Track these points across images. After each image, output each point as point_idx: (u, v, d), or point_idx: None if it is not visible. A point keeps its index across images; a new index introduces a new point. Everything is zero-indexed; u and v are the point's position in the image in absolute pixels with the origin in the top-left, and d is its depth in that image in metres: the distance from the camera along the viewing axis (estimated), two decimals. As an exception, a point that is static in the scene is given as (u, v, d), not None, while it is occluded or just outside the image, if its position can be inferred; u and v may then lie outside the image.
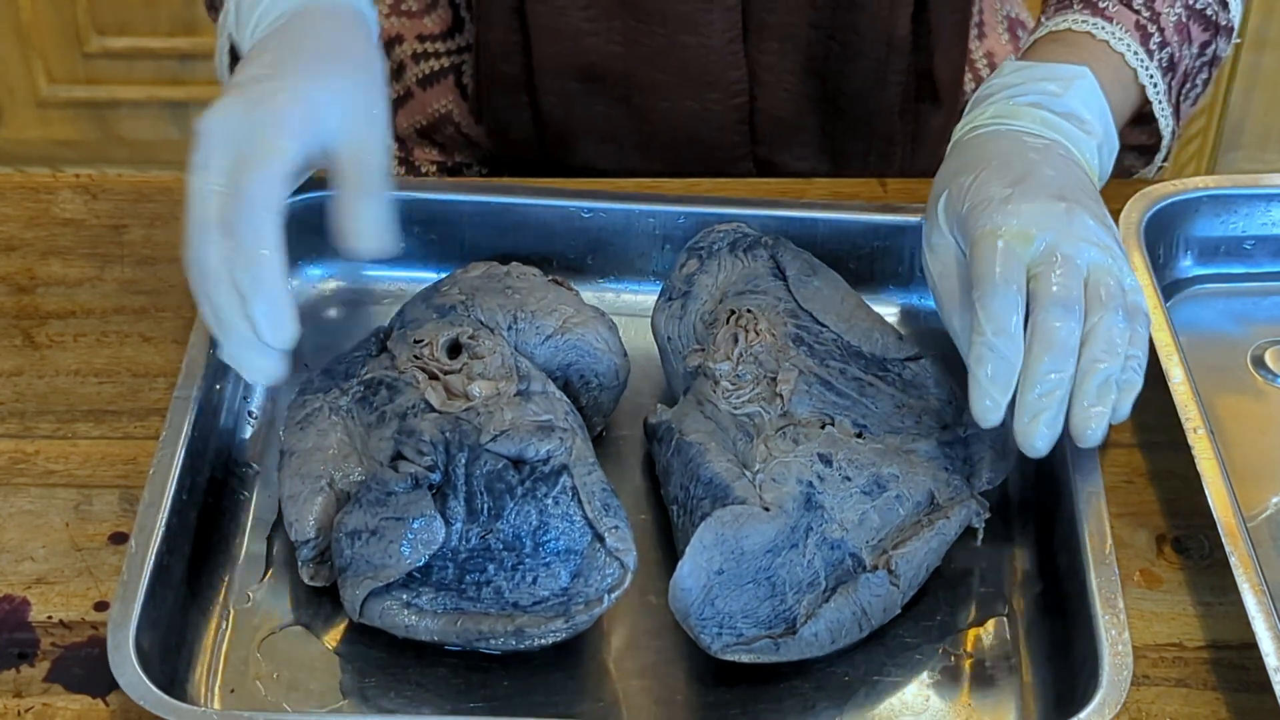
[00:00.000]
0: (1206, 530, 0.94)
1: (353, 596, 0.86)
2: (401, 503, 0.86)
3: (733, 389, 0.95)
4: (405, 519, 0.86)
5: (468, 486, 0.87)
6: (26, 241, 1.13)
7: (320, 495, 0.91)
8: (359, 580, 0.86)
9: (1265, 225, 1.11)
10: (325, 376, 0.97)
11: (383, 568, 0.86)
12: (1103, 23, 1.08)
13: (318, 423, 0.94)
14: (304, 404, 0.95)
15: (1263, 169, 2.28)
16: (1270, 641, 0.85)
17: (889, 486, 0.91)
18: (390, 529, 0.86)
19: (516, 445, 0.88)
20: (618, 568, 0.87)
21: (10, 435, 1.01)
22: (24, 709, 0.87)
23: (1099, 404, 0.89)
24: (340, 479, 0.92)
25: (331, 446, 0.93)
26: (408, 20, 1.29)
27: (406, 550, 0.86)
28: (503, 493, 0.87)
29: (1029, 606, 0.93)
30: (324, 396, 0.95)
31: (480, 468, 0.87)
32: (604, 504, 0.88)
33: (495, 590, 0.87)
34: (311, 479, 0.92)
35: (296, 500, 0.91)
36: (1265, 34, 2.23)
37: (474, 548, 0.87)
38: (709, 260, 1.02)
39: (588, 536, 0.87)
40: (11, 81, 2.35)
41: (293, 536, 0.91)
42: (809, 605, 0.87)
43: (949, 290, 0.96)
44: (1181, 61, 1.11)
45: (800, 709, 0.88)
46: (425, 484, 0.87)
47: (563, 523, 0.87)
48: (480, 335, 0.95)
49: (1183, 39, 1.11)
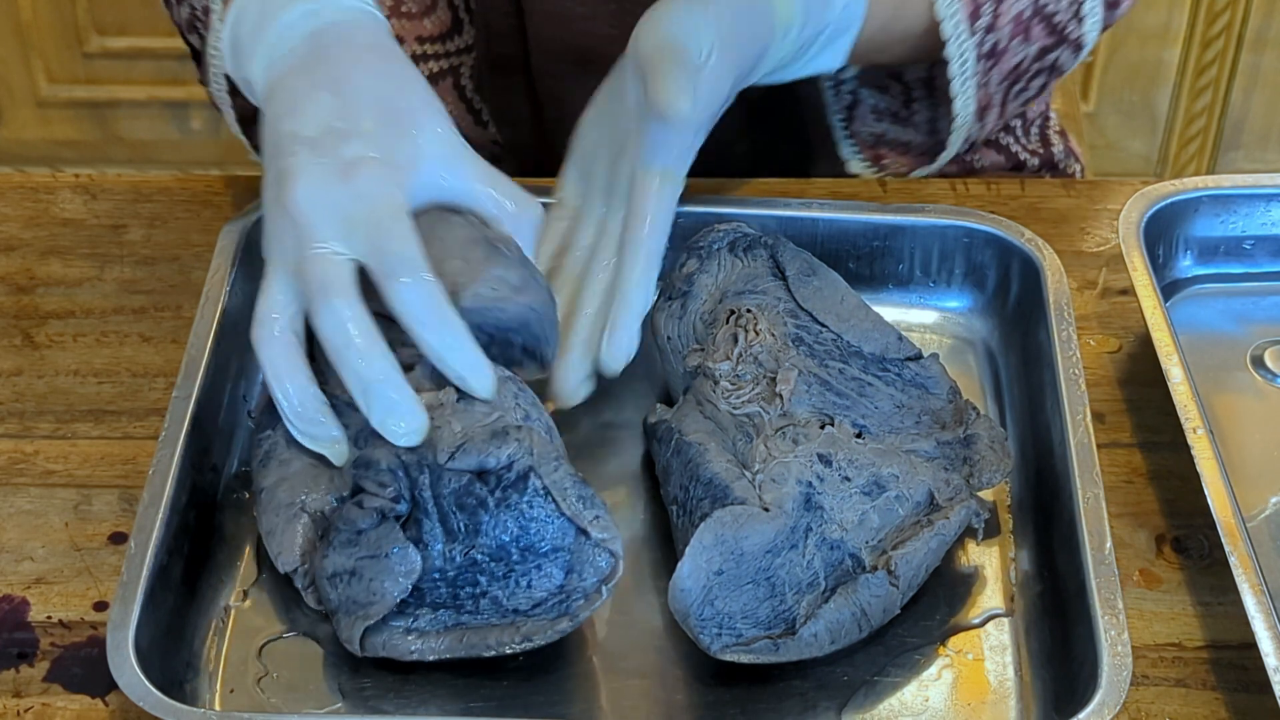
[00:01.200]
0: (1206, 530, 0.94)
1: (350, 636, 0.86)
2: (372, 539, 0.86)
3: (732, 389, 0.95)
4: (379, 555, 0.85)
5: (439, 508, 0.86)
6: (26, 241, 1.13)
7: (296, 522, 0.90)
8: (352, 621, 0.86)
9: (1265, 225, 1.11)
10: (270, 414, 0.94)
11: (370, 605, 0.85)
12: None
13: (277, 454, 0.92)
14: (260, 443, 0.94)
15: (1263, 169, 2.28)
16: (1270, 641, 0.85)
17: (889, 487, 0.91)
18: (367, 567, 0.85)
19: (476, 458, 0.85)
20: (607, 557, 0.86)
21: (10, 435, 1.01)
22: (23, 709, 0.87)
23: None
24: (312, 500, 0.90)
25: (297, 473, 0.91)
26: (407, 22, 1.28)
27: (389, 584, 0.85)
28: (475, 508, 0.86)
29: (1028, 607, 0.93)
30: (275, 431, 0.93)
31: (445, 487, 0.86)
32: (579, 497, 0.87)
33: (493, 600, 0.87)
34: (284, 508, 0.91)
35: (275, 534, 0.90)
36: (1265, 34, 2.23)
37: (461, 565, 0.86)
38: (708, 260, 1.02)
39: (571, 532, 0.87)
40: (11, 81, 2.35)
41: (281, 570, 0.90)
42: (808, 606, 0.87)
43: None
44: (1008, 54, 1.10)
45: (800, 709, 0.88)
46: (392, 515, 0.86)
47: (543, 525, 0.86)
48: (406, 345, 0.90)
49: (1018, 32, 1.09)
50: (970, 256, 1.08)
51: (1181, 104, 2.30)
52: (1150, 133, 2.34)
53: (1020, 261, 1.06)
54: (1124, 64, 2.27)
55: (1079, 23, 1.13)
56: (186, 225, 1.14)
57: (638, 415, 1.00)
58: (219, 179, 1.17)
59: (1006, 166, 1.30)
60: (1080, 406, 0.95)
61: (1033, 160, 1.32)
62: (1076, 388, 0.96)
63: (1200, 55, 2.25)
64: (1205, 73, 2.27)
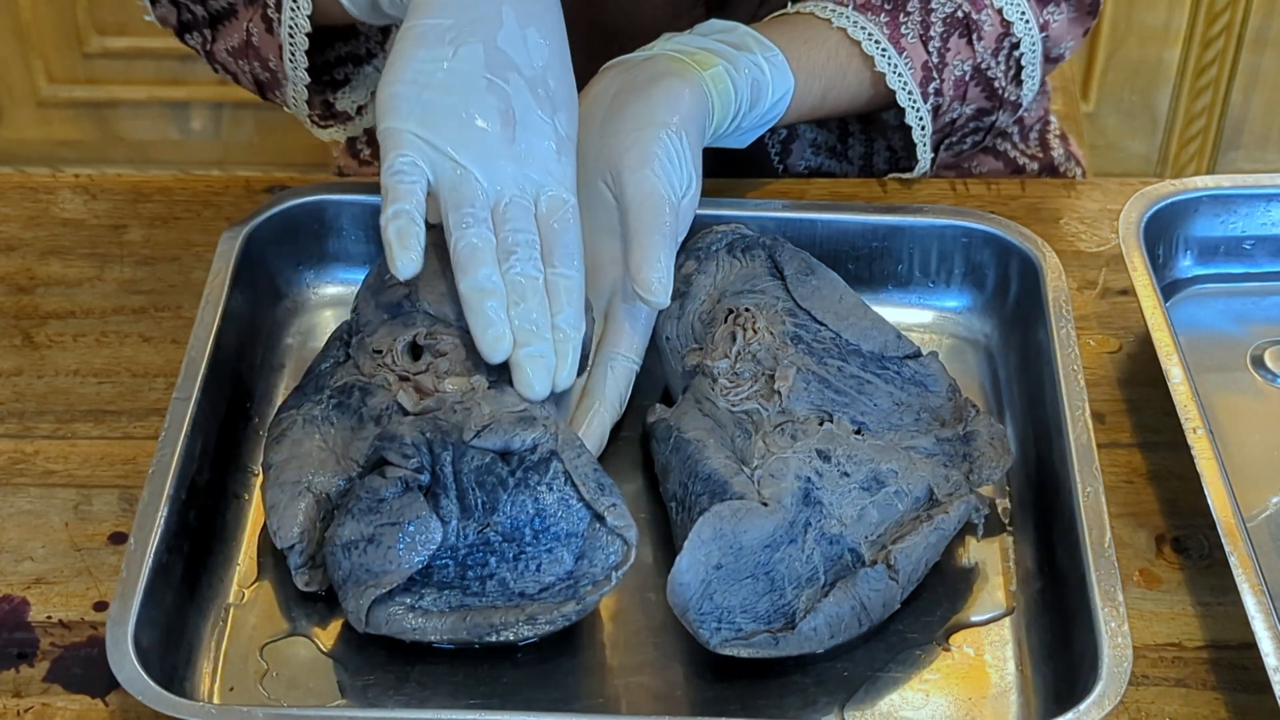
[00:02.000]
0: (1206, 530, 0.94)
1: (356, 607, 0.86)
2: (395, 507, 0.86)
3: (731, 386, 0.95)
4: (400, 522, 0.86)
5: (458, 484, 0.87)
6: (26, 241, 1.13)
7: (300, 499, 0.91)
8: (361, 590, 0.86)
9: (1265, 225, 1.11)
10: (298, 394, 0.96)
11: (384, 574, 0.86)
12: (891, 51, 1.11)
13: (292, 434, 0.93)
14: (279, 422, 0.95)
15: (1263, 169, 2.28)
16: (1270, 641, 0.85)
17: (888, 482, 0.91)
18: (387, 534, 0.86)
19: (501, 438, 0.87)
20: (620, 544, 0.87)
21: (10, 435, 1.01)
22: (23, 709, 0.87)
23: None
24: (318, 481, 0.91)
25: (307, 453, 0.92)
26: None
27: (406, 553, 0.86)
28: (494, 486, 0.87)
29: (1029, 602, 0.93)
30: (297, 411, 0.95)
31: (468, 464, 0.87)
32: (598, 484, 0.88)
33: (500, 582, 0.87)
34: (289, 485, 0.91)
35: (277, 509, 0.91)
36: (1265, 34, 2.23)
37: (472, 543, 0.87)
38: (706, 261, 1.02)
39: (586, 518, 0.87)
40: (11, 81, 2.35)
41: (278, 545, 0.90)
42: (808, 600, 0.87)
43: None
44: (949, 114, 1.14)
45: (800, 704, 0.88)
46: (415, 486, 0.87)
47: (560, 508, 0.87)
48: (437, 332, 0.94)
49: (958, 96, 1.13)
50: (969, 256, 1.08)
51: (1181, 104, 2.30)
52: (1150, 133, 2.34)
53: (1019, 261, 1.06)
54: (1124, 64, 2.26)
55: (1017, 85, 1.16)
56: (186, 225, 1.14)
57: (637, 415, 1.00)
58: (219, 179, 1.17)
59: (1005, 173, 1.31)
60: (1079, 402, 0.95)
61: (1032, 165, 1.32)
62: (1076, 384, 0.96)
63: (1200, 55, 2.25)
64: (1205, 73, 2.27)
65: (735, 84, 1.03)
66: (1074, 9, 1.16)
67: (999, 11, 1.13)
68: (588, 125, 1.00)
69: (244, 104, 2.33)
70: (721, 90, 1.03)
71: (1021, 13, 1.13)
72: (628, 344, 0.99)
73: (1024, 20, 1.14)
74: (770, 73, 1.06)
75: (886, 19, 1.11)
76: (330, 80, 1.18)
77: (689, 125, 1.00)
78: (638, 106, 1.00)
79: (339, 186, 1.10)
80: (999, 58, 1.14)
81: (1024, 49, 1.14)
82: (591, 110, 1.01)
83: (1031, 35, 1.14)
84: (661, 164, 0.98)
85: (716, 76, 1.02)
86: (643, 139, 0.98)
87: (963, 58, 1.13)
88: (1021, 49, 1.14)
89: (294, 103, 1.15)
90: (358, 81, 1.17)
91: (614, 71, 1.04)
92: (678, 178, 0.98)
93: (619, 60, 1.05)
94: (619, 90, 1.02)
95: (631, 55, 1.05)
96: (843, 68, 1.11)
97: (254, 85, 1.17)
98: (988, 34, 1.13)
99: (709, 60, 1.03)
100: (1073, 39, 1.17)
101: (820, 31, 1.11)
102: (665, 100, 1.00)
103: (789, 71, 1.07)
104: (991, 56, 1.14)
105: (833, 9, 1.12)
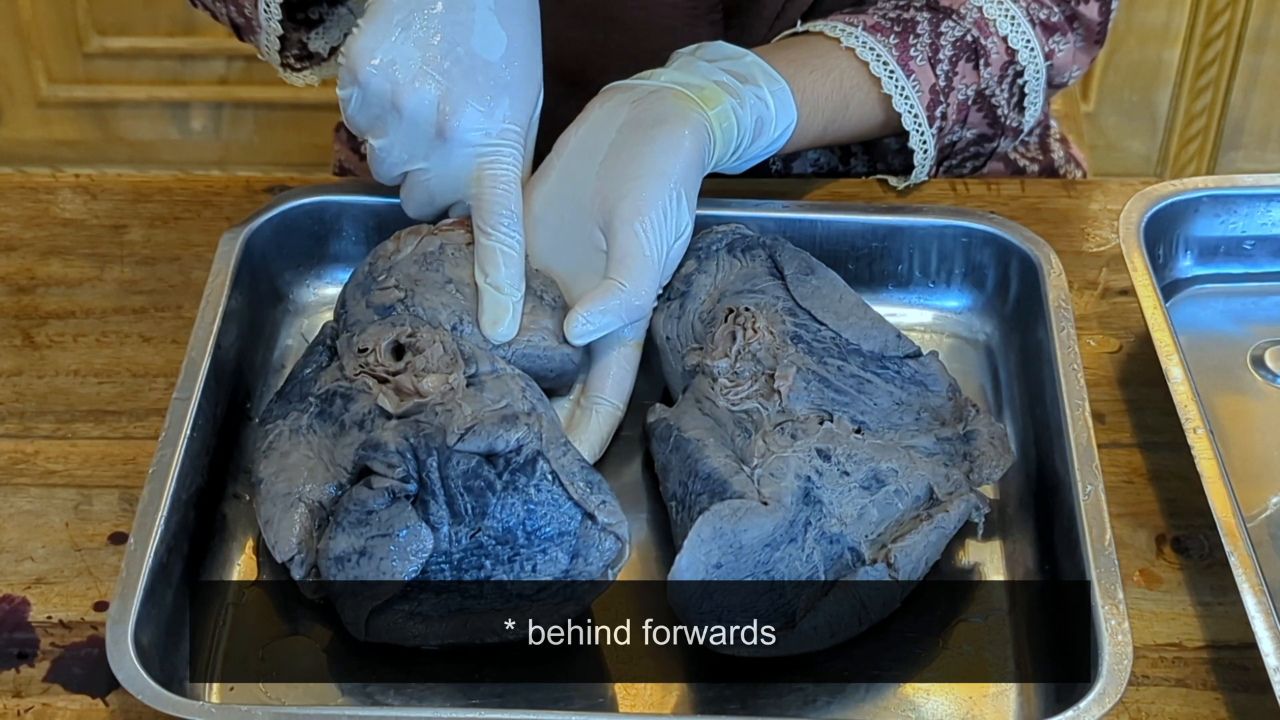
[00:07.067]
0: (1206, 530, 0.94)
1: (355, 619, 0.86)
2: (384, 518, 0.86)
3: (731, 386, 0.95)
4: (390, 533, 0.86)
5: (446, 489, 0.87)
6: (26, 241, 1.13)
7: (294, 511, 0.91)
8: (358, 602, 0.86)
9: (1265, 225, 1.11)
10: (282, 402, 0.96)
11: (378, 585, 0.86)
12: (899, 74, 1.11)
13: (279, 446, 0.93)
14: (265, 434, 0.95)
15: (1263, 169, 2.28)
16: (1270, 641, 0.85)
17: (888, 481, 0.91)
18: (378, 546, 0.86)
19: (485, 440, 0.87)
20: (614, 541, 0.87)
21: (10, 435, 1.01)
22: (24, 709, 0.87)
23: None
24: (309, 491, 0.91)
25: (295, 464, 0.92)
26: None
27: (398, 563, 0.86)
28: (483, 490, 0.87)
29: (1029, 601, 0.93)
30: (282, 422, 0.94)
31: (454, 469, 0.87)
32: (586, 482, 0.88)
33: (497, 585, 0.87)
34: (281, 498, 0.91)
35: (272, 523, 0.91)
36: (1265, 34, 2.23)
37: (466, 547, 0.87)
38: (707, 261, 1.02)
39: (578, 517, 0.87)
40: (11, 81, 2.35)
41: (277, 558, 0.90)
42: (808, 599, 0.87)
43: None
44: (949, 135, 1.14)
45: (800, 703, 0.88)
46: (402, 495, 0.87)
47: (550, 508, 0.87)
48: (419, 330, 0.94)
49: (959, 119, 1.14)
50: (969, 256, 1.08)
51: (1181, 104, 2.30)
52: (1150, 133, 2.34)
53: (1019, 261, 1.06)
54: (1124, 64, 2.26)
55: (1019, 112, 1.16)
56: (186, 225, 1.14)
57: (637, 415, 1.00)
58: (219, 179, 1.17)
59: (1006, 174, 1.31)
60: (1079, 401, 0.95)
61: (1032, 167, 1.32)
62: (1076, 383, 0.96)
63: (1200, 55, 2.25)
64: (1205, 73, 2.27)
65: (739, 120, 1.03)
66: (1080, 38, 1.16)
67: (1004, 39, 1.13)
68: (588, 157, 1.00)
69: (244, 104, 2.33)
70: (725, 128, 1.02)
71: (1027, 41, 1.14)
72: (612, 388, 1.00)
73: (1029, 49, 1.14)
74: (775, 107, 1.05)
75: (896, 41, 1.11)
76: (305, 19, 1.17)
77: (689, 174, 1.00)
78: (639, 150, 0.99)
79: (339, 187, 1.10)
80: (1003, 85, 1.14)
81: (1028, 77, 1.15)
82: (592, 141, 1.01)
83: (1036, 64, 1.14)
84: (654, 219, 0.98)
85: (722, 115, 1.02)
86: (639, 189, 0.98)
87: (968, 82, 1.13)
88: (1025, 77, 1.14)
89: (266, 50, 1.14)
90: (331, 22, 1.16)
91: (618, 98, 1.03)
92: (668, 230, 0.99)
93: (624, 85, 1.04)
94: (623, 125, 1.01)
95: (638, 81, 1.04)
96: (847, 98, 1.11)
97: (231, 27, 1.17)
98: (994, 60, 1.13)
99: (715, 98, 1.02)
100: (1079, 67, 1.18)
101: (828, 56, 1.11)
102: (668, 147, 0.99)
103: (793, 106, 1.07)
104: (996, 83, 1.14)
105: (843, 29, 1.11)
